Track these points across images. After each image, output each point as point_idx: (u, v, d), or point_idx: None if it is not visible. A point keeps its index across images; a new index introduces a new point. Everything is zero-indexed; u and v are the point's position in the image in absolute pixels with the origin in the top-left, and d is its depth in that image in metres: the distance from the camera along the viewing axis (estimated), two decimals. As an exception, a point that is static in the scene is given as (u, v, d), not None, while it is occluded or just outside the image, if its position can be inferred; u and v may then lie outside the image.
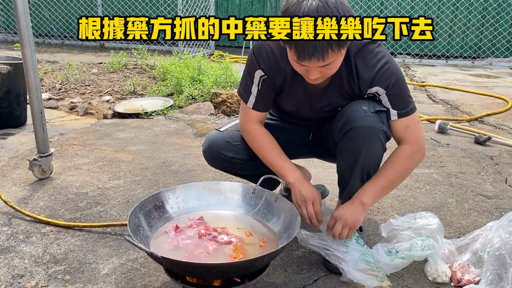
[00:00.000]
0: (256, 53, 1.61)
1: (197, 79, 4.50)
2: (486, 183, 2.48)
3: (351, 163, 1.59)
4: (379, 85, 1.53)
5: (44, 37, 8.66)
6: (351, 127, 1.54)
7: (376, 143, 1.55)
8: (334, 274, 1.63)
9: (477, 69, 6.71)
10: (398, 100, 1.55)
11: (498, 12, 7.23)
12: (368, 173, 1.61)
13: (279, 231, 1.56)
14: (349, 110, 1.57)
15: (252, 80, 1.65)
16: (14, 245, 1.78)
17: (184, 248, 1.47)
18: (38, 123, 2.31)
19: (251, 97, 1.67)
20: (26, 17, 2.15)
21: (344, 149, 1.60)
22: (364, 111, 1.53)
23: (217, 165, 1.83)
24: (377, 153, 1.58)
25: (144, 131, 3.35)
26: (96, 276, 1.60)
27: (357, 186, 1.62)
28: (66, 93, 4.73)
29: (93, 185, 2.35)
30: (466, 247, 1.70)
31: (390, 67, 1.53)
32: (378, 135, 1.53)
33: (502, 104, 4.33)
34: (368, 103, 1.56)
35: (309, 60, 1.35)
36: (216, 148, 1.77)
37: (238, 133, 1.78)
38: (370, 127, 1.52)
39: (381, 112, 1.55)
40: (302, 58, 1.36)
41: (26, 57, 2.19)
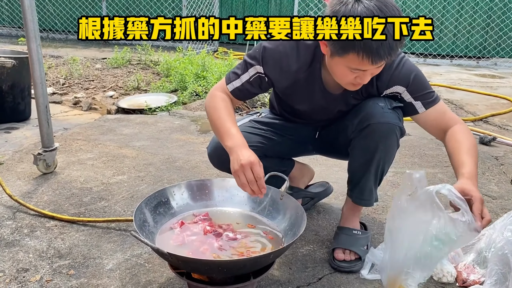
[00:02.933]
0: (267, 51, 1.56)
1: (201, 76, 4.50)
2: (491, 184, 2.47)
3: (367, 159, 1.59)
4: (399, 83, 1.55)
5: (48, 32, 8.66)
6: (369, 123, 1.54)
7: (393, 140, 1.56)
8: (338, 273, 1.62)
9: (482, 69, 6.68)
10: (421, 93, 1.57)
11: (503, 12, 7.19)
12: (383, 169, 1.62)
13: (284, 228, 1.56)
14: (366, 107, 1.56)
15: (247, 69, 1.61)
16: (18, 239, 1.78)
17: (189, 244, 1.47)
18: (43, 117, 2.30)
19: (236, 81, 1.62)
20: (32, 11, 2.14)
21: (359, 146, 1.60)
22: (381, 107, 1.54)
23: (224, 167, 1.77)
24: (393, 150, 1.60)
25: (148, 127, 3.35)
26: (100, 271, 1.60)
27: (370, 183, 1.63)
28: (70, 88, 4.73)
29: (97, 180, 2.35)
30: (471, 247, 1.69)
31: (406, 64, 1.55)
32: (395, 131, 1.54)
33: (507, 105, 4.31)
34: (384, 100, 1.57)
35: (385, 60, 1.33)
36: (222, 150, 1.70)
37: (245, 134, 1.71)
38: (388, 123, 1.53)
39: (397, 109, 1.57)
40: (378, 60, 1.32)
41: (31, 51, 2.19)
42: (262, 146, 1.75)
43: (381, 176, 1.66)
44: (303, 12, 7.87)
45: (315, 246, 1.80)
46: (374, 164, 1.59)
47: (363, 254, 1.66)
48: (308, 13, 7.82)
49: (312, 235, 1.88)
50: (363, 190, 1.64)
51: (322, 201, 2.15)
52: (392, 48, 1.32)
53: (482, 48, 7.43)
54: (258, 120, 1.84)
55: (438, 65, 7.04)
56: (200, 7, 7.50)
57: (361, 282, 1.58)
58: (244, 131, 1.76)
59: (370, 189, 1.67)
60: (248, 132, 1.76)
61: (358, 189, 1.66)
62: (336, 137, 1.74)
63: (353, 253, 1.66)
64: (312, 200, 2.09)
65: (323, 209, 2.11)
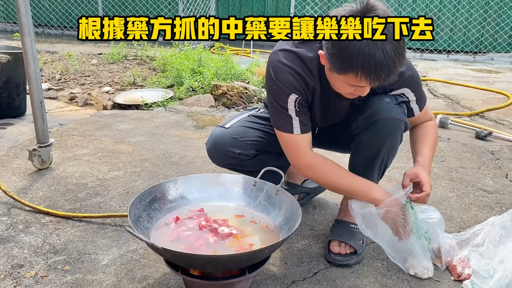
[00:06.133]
0: (281, 80, 1.50)
1: (197, 71, 4.48)
2: (487, 178, 2.47)
3: (373, 154, 1.60)
4: (407, 86, 1.58)
5: (43, 27, 8.62)
6: (376, 119, 1.55)
7: (398, 135, 1.59)
8: (334, 267, 1.63)
9: (478, 64, 6.69)
10: (419, 95, 1.64)
11: (500, 7, 7.19)
12: (386, 164, 1.66)
13: (279, 223, 1.56)
14: (371, 103, 1.57)
15: (286, 107, 1.52)
16: (13, 235, 1.77)
17: (185, 239, 1.46)
18: (38, 113, 2.29)
19: (294, 123, 1.53)
20: (26, 5, 2.12)
21: (366, 141, 1.60)
22: (387, 103, 1.56)
23: (223, 163, 1.77)
24: (397, 145, 1.64)
25: (144, 122, 3.34)
26: (95, 266, 1.60)
27: (374, 177, 1.65)
28: (65, 83, 4.71)
29: (93, 176, 2.34)
30: (467, 242, 1.70)
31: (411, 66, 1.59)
32: (400, 126, 1.58)
33: (503, 99, 4.31)
34: (389, 96, 1.59)
35: (383, 81, 1.33)
36: (222, 145, 1.71)
37: (244, 129, 1.74)
38: (395, 119, 1.55)
39: (402, 104, 1.60)
40: (376, 81, 1.32)
41: (26, 46, 2.17)
42: (262, 140, 1.74)
43: (384, 170, 1.69)
44: (300, 8, 7.84)
45: (311, 241, 1.80)
46: (379, 159, 1.61)
47: (359, 248, 1.66)
48: (305, 9, 7.79)
49: (307, 230, 1.88)
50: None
51: (318, 196, 2.15)
52: (391, 71, 1.30)
53: (479, 43, 7.43)
54: (257, 115, 1.83)
55: (435, 60, 7.04)
56: (197, 2, 7.46)
57: (356, 276, 1.58)
58: (244, 125, 1.76)
59: None
60: (247, 126, 1.76)
61: None
62: (338, 133, 1.74)
63: (348, 246, 1.66)
64: (308, 196, 2.09)
65: (319, 204, 2.11)
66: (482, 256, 1.59)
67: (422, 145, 1.66)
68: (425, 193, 1.52)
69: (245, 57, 6.19)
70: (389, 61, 1.28)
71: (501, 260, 1.50)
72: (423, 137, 1.69)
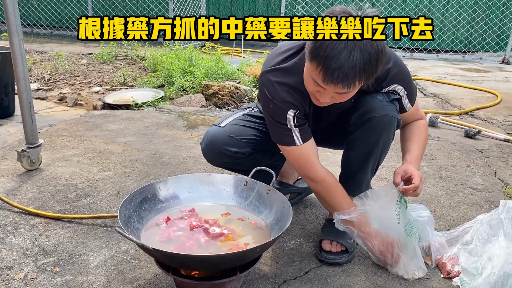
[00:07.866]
0: (277, 98, 1.51)
1: (188, 71, 4.47)
2: (476, 176, 2.50)
3: (367, 151, 1.61)
4: (397, 82, 1.58)
5: (32, 27, 8.54)
6: (370, 116, 1.55)
7: (391, 132, 1.61)
8: (325, 266, 1.63)
9: (467, 63, 6.75)
10: (410, 90, 1.63)
11: (488, 6, 7.26)
12: (379, 161, 1.68)
13: (271, 223, 1.56)
14: (364, 101, 1.58)
15: (285, 123, 1.54)
16: (2, 237, 1.75)
17: (176, 240, 1.46)
18: (26, 113, 2.27)
19: (294, 135, 1.56)
20: (14, 4, 2.10)
21: (360, 139, 1.61)
22: (380, 101, 1.57)
23: (219, 161, 1.77)
24: (389, 142, 1.66)
25: (135, 122, 3.32)
26: (86, 268, 1.59)
27: (367, 175, 1.68)
28: (55, 83, 4.67)
29: (83, 177, 2.32)
30: (456, 240, 1.72)
31: (400, 62, 1.59)
32: (393, 124, 1.59)
33: (492, 98, 4.36)
34: (381, 94, 1.60)
35: (334, 85, 1.31)
36: (218, 144, 1.70)
37: (240, 127, 1.74)
38: (388, 116, 1.56)
39: (394, 101, 1.61)
40: (329, 82, 1.31)
41: (14, 45, 2.15)
42: (257, 139, 1.74)
43: (377, 167, 1.71)
44: (290, 7, 7.85)
45: (302, 240, 1.81)
46: (373, 156, 1.63)
47: (350, 246, 1.67)
48: (296, 9, 7.80)
49: (299, 229, 1.89)
50: (360, 183, 1.68)
51: (310, 196, 2.15)
52: (346, 77, 1.28)
53: (468, 42, 7.50)
54: (251, 114, 1.83)
55: (424, 59, 7.09)
56: (187, 1, 7.44)
57: (347, 275, 1.59)
58: (239, 124, 1.76)
59: (367, 182, 1.71)
60: (243, 125, 1.76)
61: (355, 182, 1.69)
62: (330, 131, 1.75)
63: (339, 244, 1.67)
64: (300, 195, 2.10)
65: (310, 203, 2.11)
66: (470, 253, 1.61)
67: (412, 143, 1.68)
68: (413, 185, 1.53)
69: (236, 57, 6.18)
70: (349, 68, 1.27)
71: (489, 258, 1.52)
72: (413, 135, 1.71)
